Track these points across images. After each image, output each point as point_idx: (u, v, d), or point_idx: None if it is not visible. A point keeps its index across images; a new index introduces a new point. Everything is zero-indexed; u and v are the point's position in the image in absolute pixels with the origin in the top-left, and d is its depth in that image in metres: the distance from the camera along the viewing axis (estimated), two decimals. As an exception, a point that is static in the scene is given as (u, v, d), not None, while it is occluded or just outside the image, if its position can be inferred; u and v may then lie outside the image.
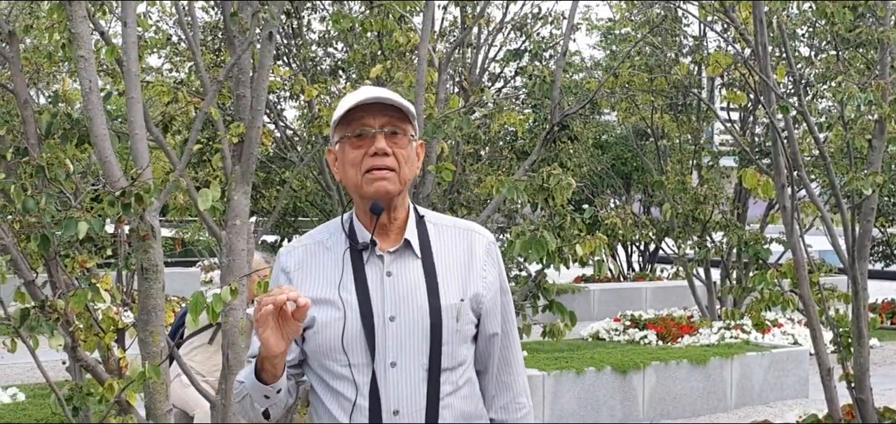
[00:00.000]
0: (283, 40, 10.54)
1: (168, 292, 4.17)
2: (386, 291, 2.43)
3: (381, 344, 2.41)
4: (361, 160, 2.41)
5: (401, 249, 2.46)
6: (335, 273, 2.45)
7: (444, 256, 2.50)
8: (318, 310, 2.42)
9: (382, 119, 2.42)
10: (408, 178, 2.46)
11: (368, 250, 2.46)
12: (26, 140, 4.12)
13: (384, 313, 2.42)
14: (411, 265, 2.46)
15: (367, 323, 2.41)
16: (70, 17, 3.82)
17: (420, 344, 2.42)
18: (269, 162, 10.17)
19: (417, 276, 2.45)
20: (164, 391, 4.05)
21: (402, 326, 2.42)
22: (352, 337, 2.41)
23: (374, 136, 2.41)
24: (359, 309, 2.41)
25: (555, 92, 5.72)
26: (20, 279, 3.81)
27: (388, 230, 2.47)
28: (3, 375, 9.96)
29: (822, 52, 10.79)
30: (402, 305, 2.43)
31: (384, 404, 2.40)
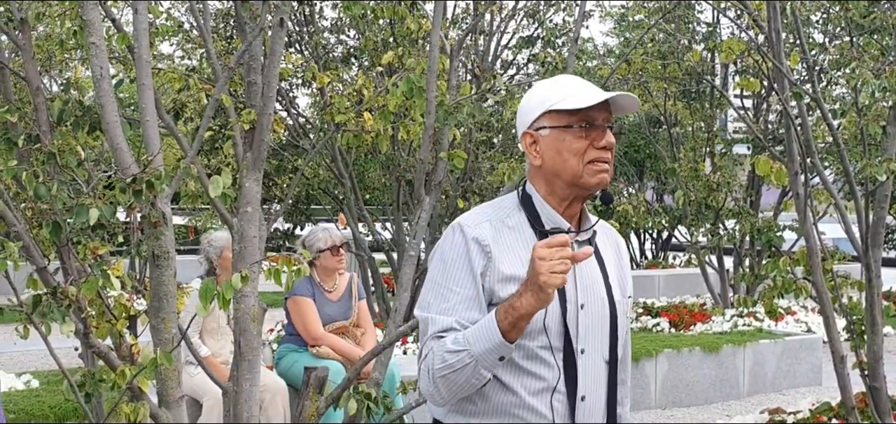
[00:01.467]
0: (296, 27, 10.54)
1: (180, 279, 4.18)
2: (578, 278, 2.50)
3: (574, 330, 2.48)
4: (585, 150, 2.48)
5: (587, 238, 2.56)
6: (524, 253, 2.42)
7: (605, 251, 2.62)
8: (514, 288, 2.41)
9: (606, 114, 2.52)
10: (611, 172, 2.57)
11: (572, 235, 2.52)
12: (38, 127, 4.13)
13: (577, 299, 2.49)
14: (591, 257, 2.52)
15: (563, 306, 2.46)
16: (81, 5, 3.82)
17: (602, 334, 2.52)
18: (282, 149, 10.17)
19: (596, 267, 2.55)
20: (176, 377, 4.07)
21: (590, 315, 2.51)
22: (553, 320, 2.45)
23: (603, 130, 2.50)
24: (558, 294, 2.42)
25: (567, 79, 5.69)
26: (32, 266, 3.82)
27: (573, 220, 2.55)
28: (16, 362, 10.01)
29: (837, 39, 10.73)
30: (589, 294, 2.52)
31: (578, 390, 2.47)
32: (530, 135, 2.54)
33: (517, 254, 2.48)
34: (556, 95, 2.51)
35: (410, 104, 4.96)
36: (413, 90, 4.70)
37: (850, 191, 5.90)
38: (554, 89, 2.53)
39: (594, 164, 2.48)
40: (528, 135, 2.54)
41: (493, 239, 2.49)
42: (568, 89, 2.52)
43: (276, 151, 9.88)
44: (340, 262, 6.60)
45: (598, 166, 2.48)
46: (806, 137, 5.67)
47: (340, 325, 6.58)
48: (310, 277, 6.56)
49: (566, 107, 2.49)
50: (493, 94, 9.21)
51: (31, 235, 3.78)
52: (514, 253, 2.49)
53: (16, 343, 4.36)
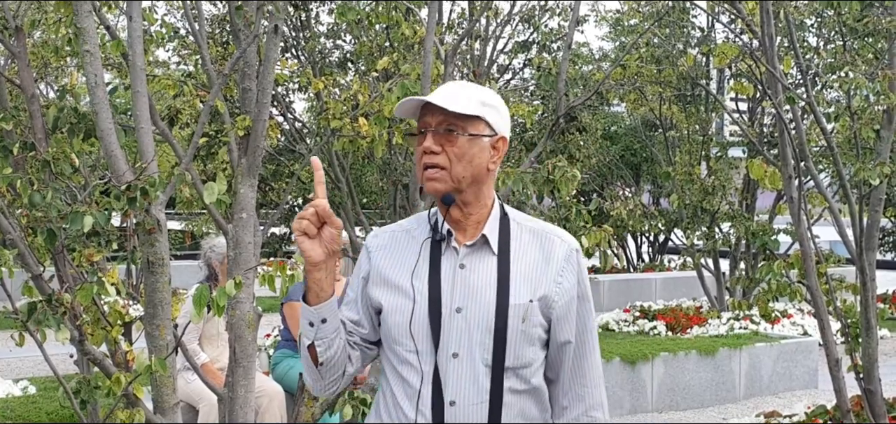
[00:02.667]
0: (291, 33, 10.55)
1: (176, 285, 4.18)
2: (456, 283, 2.49)
3: (445, 334, 2.46)
4: (421, 157, 2.50)
5: (477, 244, 2.52)
6: (410, 259, 2.53)
7: (521, 257, 2.53)
8: (390, 295, 2.52)
9: (440, 117, 2.49)
10: (463, 176, 2.49)
11: (445, 242, 2.53)
12: (33, 134, 4.14)
13: (452, 304, 2.48)
14: (486, 261, 2.51)
15: (433, 311, 2.47)
16: (76, 12, 3.83)
17: (483, 339, 2.46)
18: (278, 154, 10.18)
19: (490, 272, 2.50)
20: (171, 384, 4.07)
21: (467, 319, 2.47)
22: (419, 324, 2.47)
23: (425, 134, 2.49)
24: (428, 297, 2.47)
25: (560, 83, 5.72)
26: (28, 273, 3.82)
27: (465, 224, 2.54)
28: (12, 368, 10.00)
29: (830, 43, 10.76)
30: (470, 298, 2.48)
31: (445, 394, 2.45)
32: None
33: (405, 262, 2.54)
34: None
35: (405, 109, 4.95)
36: (408, 95, 4.70)
37: (845, 195, 5.92)
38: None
39: (425, 171, 2.50)
40: None
41: (382, 245, 2.60)
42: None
43: (272, 156, 9.89)
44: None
45: (426, 173, 2.49)
46: (800, 141, 5.68)
47: (336, 330, 6.58)
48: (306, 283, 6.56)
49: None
50: (489, 99, 9.21)
51: (26, 242, 3.79)
52: (401, 260, 2.55)
53: (11, 350, 4.36)
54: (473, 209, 2.53)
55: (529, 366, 2.50)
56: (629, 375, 8.81)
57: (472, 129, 2.48)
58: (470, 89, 2.54)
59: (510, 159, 10.54)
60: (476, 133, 2.49)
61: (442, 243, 2.53)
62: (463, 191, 2.50)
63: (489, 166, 2.53)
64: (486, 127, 2.51)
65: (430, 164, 2.47)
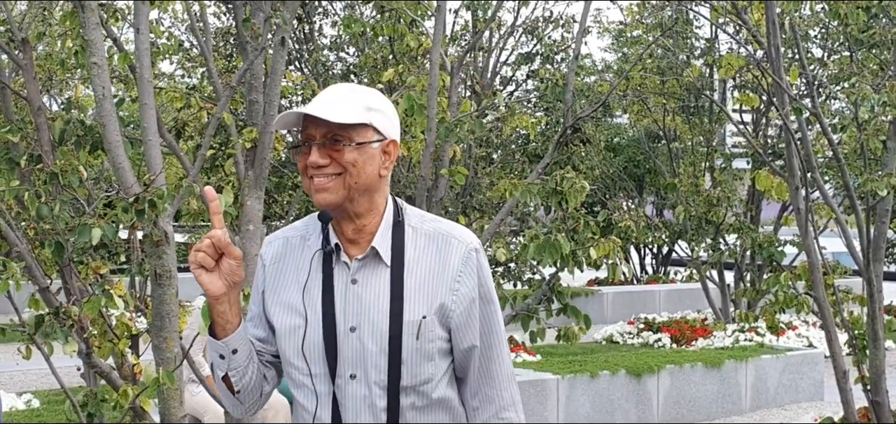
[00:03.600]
0: (296, 45, 10.56)
1: (182, 297, 4.17)
2: (349, 300, 2.34)
3: (341, 356, 2.33)
4: (305, 170, 2.34)
5: (368, 256, 2.36)
6: (302, 275, 2.38)
7: (415, 266, 2.38)
8: (282, 313, 2.39)
9: (322, 129, 2.32)
10: (357, 184, 2.32)
11: (335, 254, 2.38)
12: (40, 147, 4.14)
13: (346, 323, 2.33)
14: (379, 274, 2.35)
15: (328, 332, 2.33)
16: (83, 24, 3.83)
17: (377, 360, 2.32)
18: (282, 166, 10.18)
19: (383, 286, 2.35)
20: (178, 396, 4.06)
21: (362, 338, 2.33)
22: (312, 345, 2.34)
23: (309, 148, 2.33)
24: (322, 317, 2.33)
25: (567, 95, 5.71)
26: (34, 285, 3.82)
27: (358, 237, 2.38)
28: (18, 381, 9.99)
29: (836, 53, 10.76)
30: (363, 316, 2.33)
31: (343, 417, 2.34)
32: None
33: (297, 277, 2.40)
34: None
35: (411, 121, 4.97)
36: (414, 107, 4.71)
37: (851, 206, 5.90)
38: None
39: (312, 182, 2.33)
40: None
41: (275, 257, 2.45)
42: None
43: (276, 169, 9.89)
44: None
45: (314, 184, 2.32)
46: (806, 152, 5.67)
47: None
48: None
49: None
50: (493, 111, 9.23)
51: (33, 255, 3.79)
52: (294, 274, 2.41)
53: (18, 362, 4.35)
54: (367, 219, 2.37)
55: (430, 382, 2.37)
56: (634, 387, 8.79)
57: (358, 138, 2.32)
58: (354, 93, 2.38)
59: (514, 171, 10.54)
60: (363, 141, 2.32)
61: (332, 256, 2.38)
62: (354, 200, 2.34)
63: (381, 172, 2.36)
64: (374, 132, 2.34)
65: (319, 176, 2.31)
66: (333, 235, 2.38)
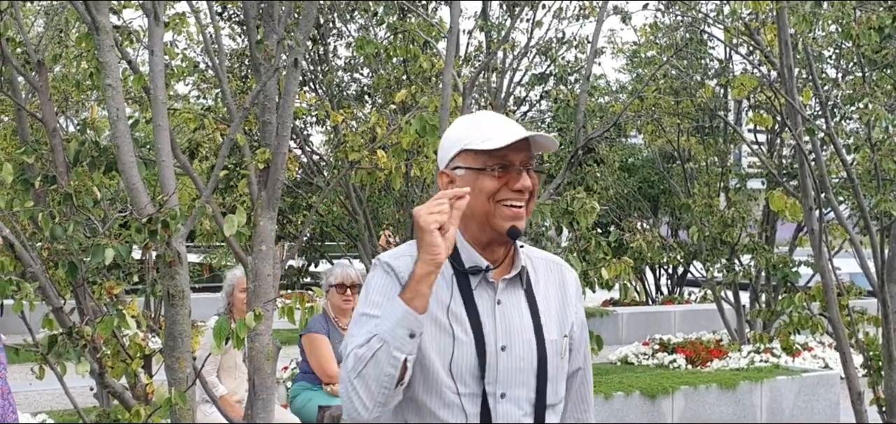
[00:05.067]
0: (310, 66, 10.60)
1: (195, 317, 4.19)
2: (497, 320, 2.39)
3: (491, 374, 2.36)
4: (497, 191, 2.38)
5: (513, 279, 2.44)
6: (442, 293, 2.37)
7: (543, 289, 2.49)
8: (429, 329, 2.34)
9: (524, 155, 2.41)
10: (530, 212, 2.47)
11: (478, 276, 2.41)
12: (55, 167, 4.17)
13: (496, 342, 2.38)
14: (518, 296, 2.44)
15: (480, 350, 2.36)
16: (98, 46, 3.86)
17: (527, 378, 2.39)
18: (296, 187, 10.21)
19: (523, 308, 2.43)
20: (191, 416, 4.07)
21: (512, 357, 2.38)
22: (462, 363, 2.35)
23: (519, 173, 2.39)
24: (473, 336, 2.36)
25: (579, 115, 5.72)
26: (48, 306, 3.84)
27: (503, 258, 2.45)
28: (32, 402, 10.01)
29: (849, 74, 10.73)
30: (512, 336, 2.39)
31: None
32: (446, 175, 2.45)
33: (435, 294, 2.35)
34: (471, 135, 2.43)
35: (423, 141, 4.98)
36: (426, 128, 4.72)
37: (865, 227, 5.88)
38: (471, 128, 2.44)
39: (506, 206, 2.38)
40: (445, 174, 2.45)
41: (408, 271, 2.37)
42: (484, 129, 2.42)
43: (290, 189, 9.91)
44: (347, 302, 6.57)
45: (511, 208, 2.38)
46: (820, 172, 5.66)
47: (355, 363, 6.56)
48: (325, 314, 6.57)
49: (481, 147, 2.40)
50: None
51: (47, 275, 3.81)
52: (433, 290, 2.39)
53: (31, 382, 4.37)
54: (506, 246, 2.46)
55: (562, 401, 2.49)
56: (649, 408, 8.75)
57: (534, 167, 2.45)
58: (530, 131, 2.46)
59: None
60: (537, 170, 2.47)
61: (469, 277, 2.40)
62: None
63: None
64: None
65: (521, 202, 2.39)
66: (473, 255, 2.42)
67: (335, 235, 11.83)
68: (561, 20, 10.93)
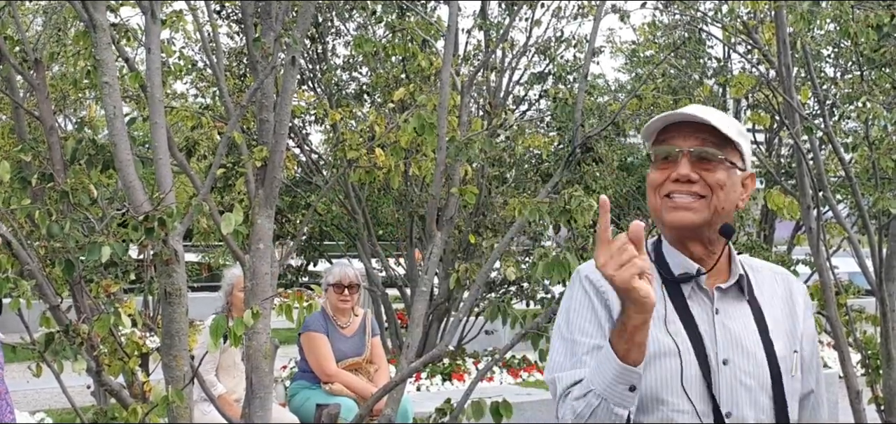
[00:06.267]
0: (308, 65, 10.60)
1: (193, 316, 4.18)
2: (715, 331, 2.17)
3: (716, 391, 2.13)
4: (661, 185, 2.18)
5: (731, 287, 2.21)
6: (660, 305, 2.14)
7: (769, 301, 2.25)
8: (650, 346, 2.12)
9: (693, 140, 2.16)
10: (722, 209, 2.16)
11: (691, 284, 2.20)
12: (52, 166, 4.16)
13: (718, 356, 2.15)
14: (739, 306, 2.21)
15: (703, 365, 2.13)
16: (95, 44, 3.85)
17: (755, 397, 2.14)
18: (295, 186, 10.21)
19: (746, 319, 2.19)
20: (188, 415, 4.06)
21: (736, 371, 2.15)
22: (692, 380, 2.12)
23: (677, 159, 2.16)
24: (693, 349, 2.13)
25: (577, 114, 5.72)
26: (45, 304, 3.83)
27: (707, 264, 2.21)
28: (29, 400, 10.02)
29: (847, 73, 10.73)
30: (734, 349, 2.16)
31: None
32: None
33: None
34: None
35: (422, 140, 4.97)
36: (424, 126, 4.71)
37: (864, 225, 5.88)
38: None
39: (671, 199, 2.15)
40: None
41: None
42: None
43: (289, 188, 9.91)
44: (345, 302, 6.58)
45: (674, 201, 2.14)
46: (818, 171, 5.65)
47: (353, 361, 6.57)
48: (323, 313, 6.57)
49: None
50: (505, 130, 9.23)
51: (44, 273, 3.80)
52: None
53: (29, 381, 4.37)
54: (716, 247, 2.21)
55: (812, 417, 2.28)
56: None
57: (730, 158, 2.17)
58: (722, 114, 2.20)
59: (527, 190, 10.54)
60: (733, 162, 2.18)
61: (682, 285, 2.18)
62: (713, 225, 2.18)
63: (738, 204, 2.22)
64: (740, 158, 2.21)
65: (684, 193, 2.14)
66: (682, 261, 2.20)
67: (334, 234, 11.83)
68: (559, 19, 10.94)
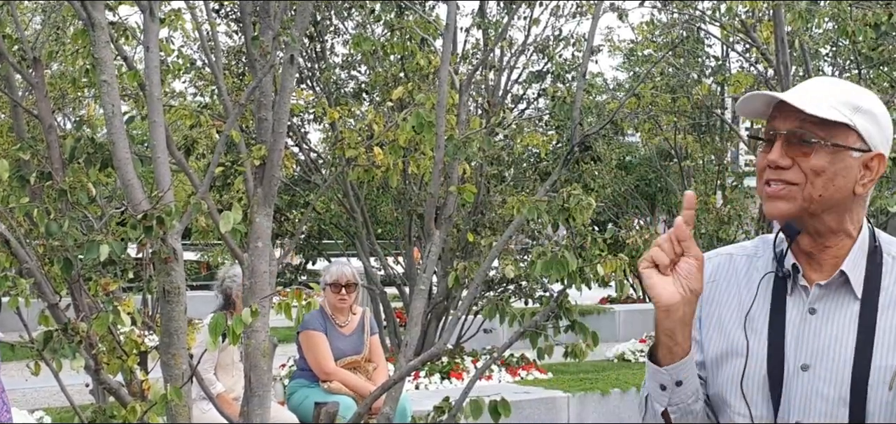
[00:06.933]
0: (307, 64, 10.61)
1: (191, 315, 4.19)
2: (804, 332, 1.98)
3: (785, 398, 1.96)
4: (763, 171, 1.99)
5: (834, 283, 1.99)
6: (744, 297, 2.05)
7: (893, 303, 1.96)
8: (719, 341, 2.06)
9: (792, 121, 1.95)
10: (818, 198, 1.94)
11: (791, 278, 2.02)
12: (50, 164, 4.16)
13: (796, 359, 1.96)
14: (846, 306, 1.97)
15: (773, 367, 1.97)
16: (93, 43, 3.86)
17: (833, 409, 1.93)
18: (293, 184, 10.21)
19: (849, 322, 1.96)
20: (187, 413, 4.06)
21: (815, 379, 1.94)
22: (754, 382, 1.98)
23: (771, 143, 1.97)
24: (767, 348, 1.98)
25: (575, 112, 5.72)
26: (44, 302, 3.84)
27: (820, 258, 2.01)
28: (28, 399, 10.02)
29: (845, 72, 10.75)
30: (822, 353, 1.95)
31: None
32: None
33: (740, 298, 2.07)
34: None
35: (420, 138, 4.98)
36: (423, 124, 4.71)
37: (861, 223, 5.89)
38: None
39: (766, 187, 1.98)
40: None
41: (711, 275, 2.10)
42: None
43: (287, 187, 9.92)
44: (343, 301, 6.58)
45: (767, 190, 1.97)
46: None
47: (352, 360, 6.58)
48: (322, 312, 6.57)
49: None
50: (503, 129, 9.24)
51: (42, 272, 3.80)
52: (736, 295, 2.08)
53: (27, 379, 4.37)
54: (831, 240, 2.00)
55: None
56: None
57: (836, 140, 1.94)
58: (839, 87, 2.00)
59: (526, 189, 10.55)
60: (842, 144, 1.94)
61: (787, 280, 2.02)
62: (817, 215, 1.97)
63: (857, 189, 1.97)
64: (857, 138, 1.95)
65: (776, 179, 1.95)
66: (791, 256, 2.03)
67: (333, 233, 11.84)
68: (558, 18, 10.94)
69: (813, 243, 2.00)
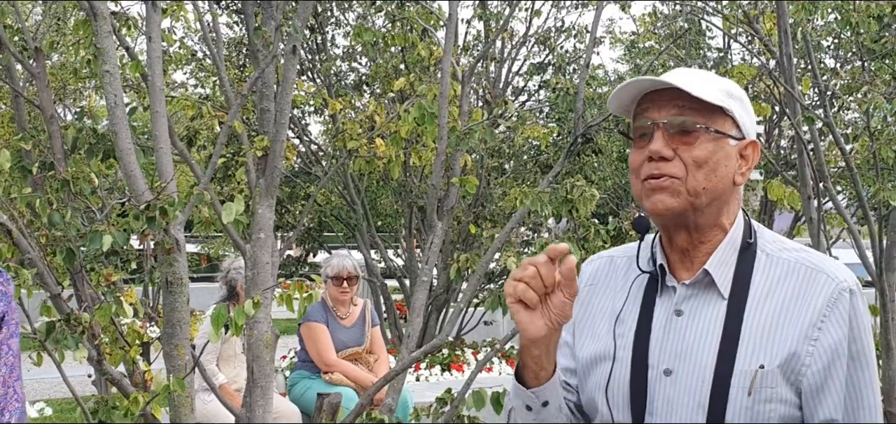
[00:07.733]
0: (308, 55, 10.59)
1: (193, 306, 4.18)
2: (669, 335, 1.88)
3: (649, 405, 1.87)
4: (640, 166, 1.87)
5: (698, 282, 1.89)
6: (616, 300, 1.97)
7: (764, 301, 1.85)
8: (589, 346, 1.99)
9: (670, 110, 1.84)
10: (702, 190, 1.84)
11: (660, 279, 1.93)
12: (52, 155, 4.16)
13: (660, 364, 1.87)
14: (712, 306, 1.87)
15: (637, 372, 1.88)
16: (95, 33, 3.85)
17: (693, 415, 1.83)
18: (295, 176, 10.20)
19: (715, 322, 1.85)
20: (189, 404, 4.06)
21: (677, 385, 1.85)
22: (618, 387, 1.90)
23: (649, 134, 1.85)
24: (632, 353, 1.89)
25: (578, 103, 5.71)
26: (46, 293, 3.83)
27: (693, 256, 1.91)
28: (30, 390, 10.03)
29: (848, 63, 10.73)
30: (683, 358, 1.86)
31: None
32: None
33: (614, 302, 1.99)
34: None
35: (422, 130, 4.97)
36: (424, 116, 4.71)
37: (864, 216, 5.88)
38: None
39: (647, 182, 1.86)
40: None
41: (591, 278, 2.06)
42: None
43: (288, 178, 9.91)
44: (344, 294, 6.59)
45: (650, 184, 1.85)
46: (818, 162, 5.65)
47: (353, 351, 6.58)
48: (323, 303, 6.58)
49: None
50: (505, 120, 9.23)
51: (44, 262, 3.80)
52: (610, 299, 2.00)
53: (29, 370, 4.37)
54: (708, 235, 1.90)
55: None
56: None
57: (716, 126, 1.84)
58: (710, 75, 1.90)
59: (527, 181, 10.55)
60: (722, 131, 1.85)
61: (658, 280, 1.92)
62: (701, 209, 1.86)
63: (736, 179, 1.89)
64: (733, 125, 1.87)
65: (658, 174, 1.83)
66: (661, 253, 1.94)
67: (334, 225, 11.83)
68: (560, 9, 10.93)
69: (689, 239, 1.90)
